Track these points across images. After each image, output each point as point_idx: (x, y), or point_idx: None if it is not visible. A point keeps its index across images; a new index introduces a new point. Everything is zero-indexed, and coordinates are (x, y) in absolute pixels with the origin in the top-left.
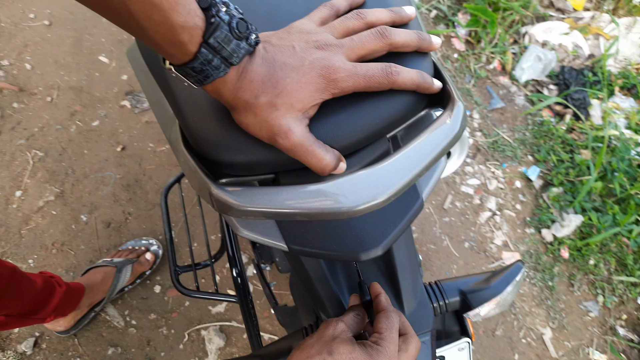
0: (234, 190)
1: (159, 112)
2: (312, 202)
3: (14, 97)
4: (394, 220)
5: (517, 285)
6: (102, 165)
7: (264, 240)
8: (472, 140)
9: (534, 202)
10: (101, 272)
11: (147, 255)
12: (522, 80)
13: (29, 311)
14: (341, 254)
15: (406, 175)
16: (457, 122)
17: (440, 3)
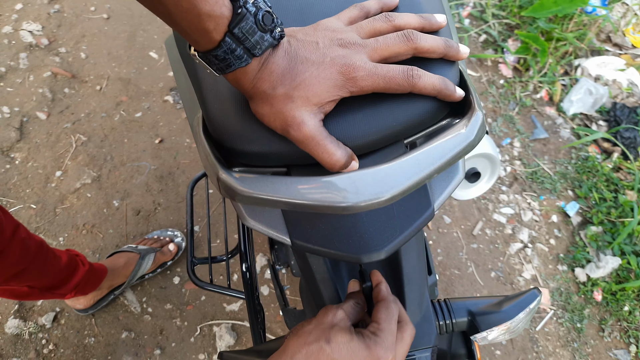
0: (241, 176)
1: (186, 99)
2: (314, 194)
3: (66, 82)
4: (401, 226)
5: (530, 313)
6: (139, 155)
7: (268, 232)
8: (510, 169)
9: (570, 239)
10: (124, 257)
11: (170, 246)
12: (569, 113)
13: (52, 285)
14: (343, 254)
15: (412, 177)
16: (474, 130)
17: (491, 28)
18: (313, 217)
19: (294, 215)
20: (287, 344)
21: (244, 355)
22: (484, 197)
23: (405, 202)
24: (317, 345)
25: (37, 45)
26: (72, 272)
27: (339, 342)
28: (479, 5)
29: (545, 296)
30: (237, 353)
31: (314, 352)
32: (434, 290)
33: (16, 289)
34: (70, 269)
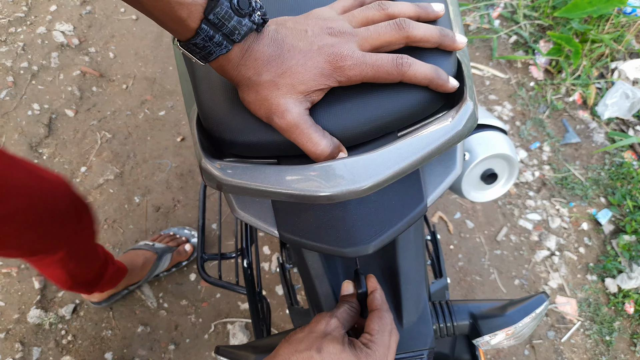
0: (222, 165)
1: (186, 92)
2: (294, 183)
3: (94, 81)
4: (391, 221)
5: (536, 318)
6: (161, 152)
7: (257, 224)
8: (539, 174)
9: (601, 248)
10: (142, 257)
11: (186, 246)
12: (604, 117)
13: (89, 280)
14: (329, 247)
15: (393, 167)
16: (462, 121)
17: (522, 29)
18: (302, 210)
19: (283, 208)
20: (277, 350)
21: (239, 350)
22: (510, 202)
23: (396, 195)
24: (307, 354)
25: (68, 45)
26: (105, 270)
27: (330, 352)
28: (510, 5)
29: (573, 306)
30: (234, 348)
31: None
32: (444, 293)
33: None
34: (104, 267)
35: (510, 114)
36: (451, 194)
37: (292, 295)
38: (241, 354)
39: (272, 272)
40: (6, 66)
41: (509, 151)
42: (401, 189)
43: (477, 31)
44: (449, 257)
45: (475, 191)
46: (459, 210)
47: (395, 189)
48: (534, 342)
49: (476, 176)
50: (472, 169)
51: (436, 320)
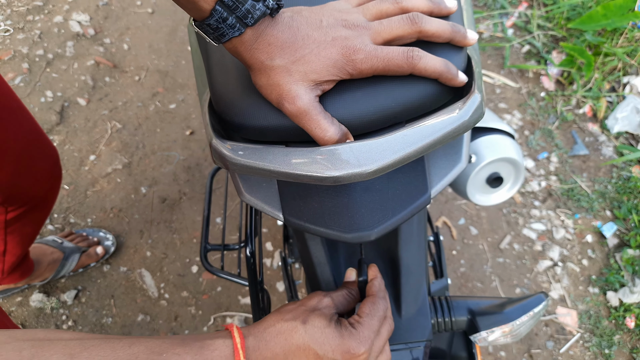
0: (232, 144)
1: (199, 77)
2: (300, 164)
3: (107, 71)
4: (394, 209)
5: (534, 317)
6: (170, 145)
7: (263, 207)
8: (545, 184)
9: (604, 261)
10: (49, 257)
11: (98, 249)
12: (613, 131)
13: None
14: (332, 232)
15: (399, 152)
16: (469, 112)
17: (535, 39)
18: (307, 196)
19: (289, 193)
20: (266, 318)
21: None
22: (515, 211)
23: (400, 185)
24: (292, 324)
25: (83, 35)
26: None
27: (315, 325)
28: (524, 15)
29: (573, 318)
30: None
31: (288, 329)
32: (444, 293)
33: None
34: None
35: (519, 123)
36: (456, 199)
37: (293, 289)
38: None
39: (274, 268)
40: (22, 53)
41: (515, 156)
42: (406, 179)
43: (490, 39)
44: (451, 262)
45: (481, 194)
46: (463, 216)
47: (400, 179)
48: (533, 352)
49: (482, 179)
50: (478, 171)
51: (435, 315)
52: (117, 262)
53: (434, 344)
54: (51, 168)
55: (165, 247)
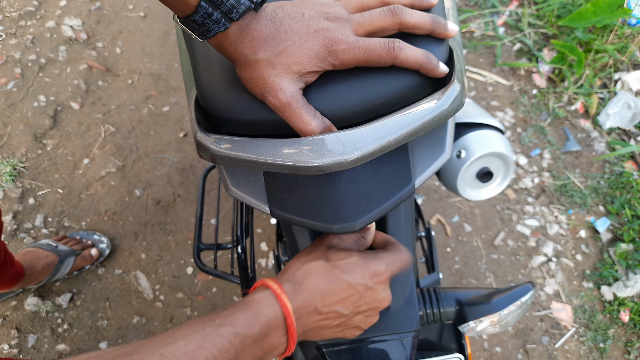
0: (216, 137)
1: (186, 73)
2: (282, 154)
3: (100, 75)
4: (378, 200)
5: (522, 307)
6: (164, 147)
7: (249, 201)
8: (538, 180)
9: (597, 256)
10: (44, 260)
11: (92, 251)
12: (605, 127)
13: None
14: (317, 223)
15: (379, 141)
16: (448, 101)
17: (526, 37)
18: (292, 188)
19: (274, 185)
20: (287, 266)
21: None
22: (508, 207)
23: (385, 176)
24: (317, 263)
25: (76, 39)
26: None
27: (338, 258)
28: (515, 14)
29: (568, 313)
30: None
31: (315, 268)
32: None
33: None
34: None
35: (511, 120)
36: (450, 197)
37: None
38: None
39: (269, 268)
40: (15, 58)
41: (505, 150)
42: (390, 170)
43: (481, 38)
44: (445, 259)
45: (471, 189)
46: (457, 213)
47: (384, 170)
48: (528, 347)
49: (472, 174)
50: (467, 166)
51: (423, 306)
52: (112, 264)
53: (424, 335)
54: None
55: (160, 249)
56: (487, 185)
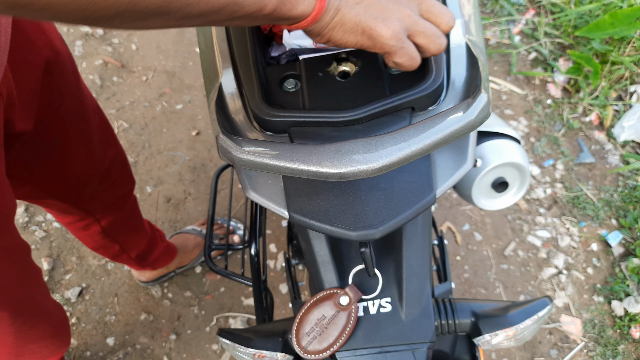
0: (238, 140)
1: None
2: (307, 160)
3: (115, 71)
4: (399, 208)
5: (538, 321)
6: (176, 145)
7: (268, 205)
8: (551, 191)
9: (609, 270)
10: (193, 241)
11: (234, 237)
12: (620, 139)
13: (138, 254)
14: (336, 229)
15: (405, 149)
16: (475, 111)
17: (542, 46)
18: (312, 193)
19: (294, 190)
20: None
21: (242, 332)
22: (520, 218)
23: (406, 184)
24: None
25: (92, 34)
26: (154, 246)
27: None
28: (531, 22)
29: (577, 326)
30: (236, 331)
31: None
32: (448, 297)
33: (109, 247)
34: (153, 242)
35: (525, 129)
36: (461, 205)
37: (296, 291)
38: (243, 337)
39: (278, 270)
40: None
41: (521, 160)
42: (411, 178)
43: (496, 46)
44: (455, 268)
45: (486, 199)
46: (467, 221)
47: (405, 178)
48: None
49: (487, 183)
50: (483, 175)
51: (438, 317)
52: None
53: (437, 346)
54: (129, 191)
55: None
56: (502, 195)
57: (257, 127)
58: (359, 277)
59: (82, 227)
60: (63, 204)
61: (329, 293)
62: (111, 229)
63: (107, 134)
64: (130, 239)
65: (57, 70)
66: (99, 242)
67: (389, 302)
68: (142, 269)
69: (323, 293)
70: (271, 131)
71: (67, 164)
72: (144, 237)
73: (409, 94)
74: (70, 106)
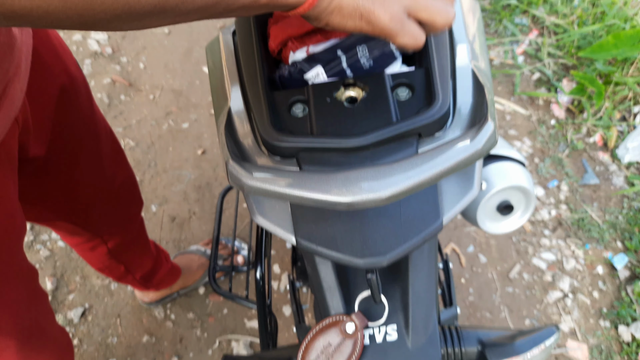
0: (248, 167)
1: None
2: (315, 188)
3: (123, 90)
4: (406, 235)
5: (546, 351)
6: (182, 164)
7: (275, 230)
8: (555, 213)
9: (615, 294)
10: (197, 261)
11: (238, 258)
12: (624, 161)
13: (143, 275)
14: (343, 256)
15: (413, 178)
16: (482, 140)
17: (545, 67)
18: (319, 219)
19: (301, 216)
20: None
21: (246, 358)
22: (524, 239)
23: (413, 211)
24: None
25: (101, 53)
26: (159, 267)
27: None
28: (535, 43)
29: (584, 352)
30: (240, 358)
31: None
32: (454, 322)
33: (115, 268)
34: (158, 263)
35: (529, 150)
36: (465, 226)
37: (300, 314)
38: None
39: (281, 291)
40: None
41: (526, 184)
42: (418, 205)
43: (500, 66)
44: (459, 290)
45: (491, 222)
46: (472, 243)
47: (412, 205)
48: None
49: (492, 206)
50: (488, 199)
51: (444, 345)
52: None
53: None
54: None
55: None
56: (507, 218)
57: (265, 151)
58: (365, 303)
59: (89, 248)
60: (72, 226)
61: (334, 320)
62: (117, 250)
63: (118, 157)
64: (135, 260)
65: (72, 95)
66: (105, 263)
67: (395, 329)
68: (145, 290)
69: (329, 320)
70: (279, 155)
71: (78, 186)
72: (150, 258)
73: (416, 121)
74: (83, 130)
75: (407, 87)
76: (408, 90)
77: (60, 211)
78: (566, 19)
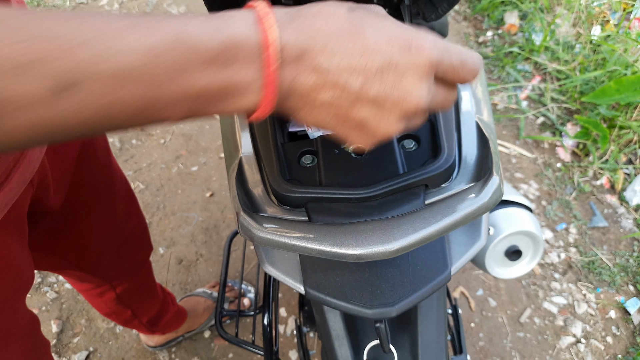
0: (259, 218)
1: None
2: (325, 241)
3: (134, 134)
4: (414, 286)
5: None
6: (190, 206)
7: (284, 279)
8: (565, 256)
9: (630, 339)
10: (203, 304)
11: (244, 301)
12: (632, 203)
13: (150, 318)
14: (352, 307)
15: (421, 231)
16: (488, 194)
17: (549, 111)
18: (328, 269)
19: (310, 265)
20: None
21: None
22: (534, 283)
23: (421, 261)
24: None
25: None
26: (165, 310)
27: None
28: (538, 88)
29: None
30: None
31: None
32: None
33: (122, 313)
34: (164, 306)
35: (536, 193)
36: (474, 269)
37: (307, 359)
38: None
39: (287, 335)
40: None
41: (534, 229)
42: (426, 255)
43: (504, 110)
44: (469, 335)
45: (499, 267)
46: (481, 287)
47: (420, 255)
48: None
49: (500, 252)
50: (496, 244)
51: None
52: None
53: None
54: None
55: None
56: (515, 263)
57: (275, 201)
58: (374, 352)
59: (97, 294)
60: (82, 273)
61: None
62: (125, 295)
63: (131, 205)
64: (143, 304)
65: (91, 148)
66: (112, 308)
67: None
68: (151, 334)
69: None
70: (289, 205)
71: (91, 235)
72: (156, 302)
73: (422, 173)
74: (100, 181)
75: (412, 139)
76: (414, 142)
77: (71, 260)
78: (568, 65)
